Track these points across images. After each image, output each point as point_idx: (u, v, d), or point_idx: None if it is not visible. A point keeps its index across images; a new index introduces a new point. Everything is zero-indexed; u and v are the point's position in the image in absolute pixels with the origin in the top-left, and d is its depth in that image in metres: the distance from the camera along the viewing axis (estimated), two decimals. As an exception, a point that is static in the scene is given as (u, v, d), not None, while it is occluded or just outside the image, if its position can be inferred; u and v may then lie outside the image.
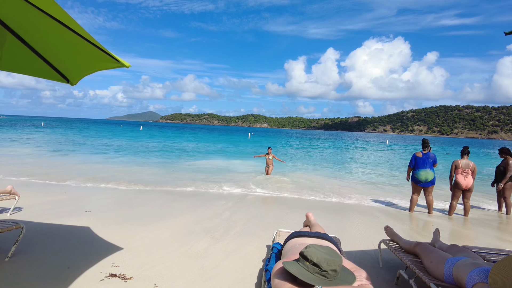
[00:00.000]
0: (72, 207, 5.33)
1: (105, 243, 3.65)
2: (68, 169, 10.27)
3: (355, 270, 2.03)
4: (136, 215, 5.01)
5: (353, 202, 7.40)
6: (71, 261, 3.06)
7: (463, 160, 6.38)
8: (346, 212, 6.38)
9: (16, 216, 4.59)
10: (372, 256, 3.73)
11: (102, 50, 2.28)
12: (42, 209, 5.03)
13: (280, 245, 3.07)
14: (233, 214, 5.52)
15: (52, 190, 6.89)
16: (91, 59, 2.46)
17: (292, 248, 2.42)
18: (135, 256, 3.31)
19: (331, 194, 8.30)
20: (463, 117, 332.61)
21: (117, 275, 2.81)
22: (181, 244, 3.77)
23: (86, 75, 2.84)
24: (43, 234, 3.83)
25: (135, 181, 8.46)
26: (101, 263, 3.05)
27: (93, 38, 2.15)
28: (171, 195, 7.00)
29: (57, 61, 2.70)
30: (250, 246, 3.83)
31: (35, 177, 8.32)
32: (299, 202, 7.08)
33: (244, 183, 9.33)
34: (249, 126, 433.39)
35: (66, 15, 1.86)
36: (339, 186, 9.82)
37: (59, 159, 13.03)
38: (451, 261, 2.38)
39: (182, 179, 9.55)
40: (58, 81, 2.97)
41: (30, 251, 3.25)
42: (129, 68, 2.55)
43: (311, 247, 1.91)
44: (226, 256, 3.45)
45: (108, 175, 9.47)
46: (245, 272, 3.07)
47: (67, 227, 4.17)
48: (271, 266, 2.59)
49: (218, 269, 3.09)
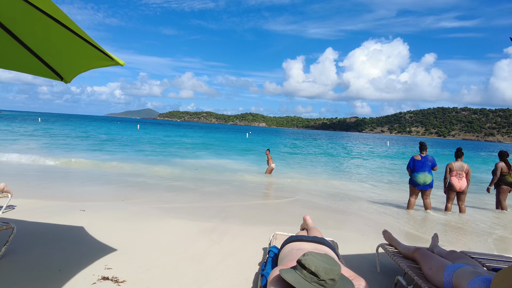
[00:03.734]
0: (67, 205, 5.25)
1: (99, 244, 3.58)
2: (67, 168, 10.18)
3: (353, 278, 1.98)
4: (131, 216, 4.94)
5: (351, 205, 7.36)
6: (63, 263, 2.99)
7: (457, 163, 6.38)
8: (343, 215, 6.35)
9: (8, 214, 4.51)
10: (369, 261, 3.69)
11: (96, 48, 2.21)
12: (35, 208, 4.94)
13: (276, 249, 3.01)
14: (230, 216, 5.47)
15: (48, 188, 6.81)
16: (84, 57, 2.39)
17: (289, 254, 2.37)
18: (129, 258, 3.24)
19: (329, 196, 8.26)
20: (461, 119, 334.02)
21: (110, 278, 2.74)
22: (176, 246, 3.71)
23: (80, 73, 2.77)
24: (35, 234, 3.75)
25: (133, 182, 8.39)
26: (94, 266, 2.98)
27: (87, 35, 2.08)
28: (167, 196, 6.94)
29: (50, 59, 2.63)
30: (246, 249, 3.78)
31: (29, 174, 8.23)
32: (296, 204, 7.03)
33: (241, 184, 9.28)
34: (247, 125, 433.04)
35: (59, 11, 1.79)
36: (337, 188, 9.80)
37: (58, 153, 12.92)
38: (451, 268, 2.34)
39: (179, 179, 9.49)
40: (52, 78, 2.90)
41: (21, 252, 3.17)
42: (128, 65, 2.48)
43: (309, 254, 1.86)
44: (222, 259, 3.39)
45: (104, 174, 9.39)
46: (241, 276, 3.01)
47: (60, 227, 4.10)
48: (267, 271, 2.53)
49: (214, 273, 3.03)
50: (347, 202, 7.61)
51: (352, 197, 8.22)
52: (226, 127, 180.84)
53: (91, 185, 7.63)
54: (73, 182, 7.85)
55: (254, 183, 9.57)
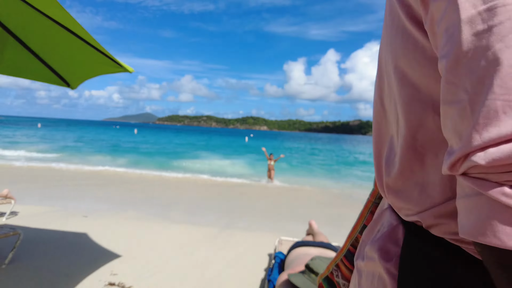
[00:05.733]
0: (69, 211, 5.25)
1: (103, 250, 3.58)
2: (67, 173, 10.20)
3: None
4: (135, 221, 4.94)
5: (356, 209, 7.35)
6: (69, 269, 2.99)
7: None
8: (349, 220, 6.33)
9: (12, 220, 4.51)
10: (375, 265, 3.68)
11: (105, 55, 2.24)
12: (37, 213, 4.95)
13: (283, 254, 3.01)
14: (234, 221, 5.46)
15: (50, 194, 6.81)
16: (93, 64, 2.41)
17: (296, 259, 2.37)
18: (134, 264, 3.24)
19: (333, 200, 8.25)
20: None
21: (116, 284, 2.74)
22: (181, 252, 3.71)
23: (87, 79, 2.79)
24: (40, 240, 3.75)
25: (134, 187, 8.39)
26: (100, 271, 2.98)
27: (96, 41, 2.10)
28: (170, 202, 6.94)
29: (58, 65, 2.66)
30: (251, 255, 3.77)
31: (33, 180, 8.24)
32: (300, 209, 7.02)
33: (244, 189, 9.28)
34: (249, 128, 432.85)
35: (69, 18, 1.81)
36: (343, 193, 9.78)
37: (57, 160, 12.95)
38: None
39: (182, 185, 9.49)
40: (59, 85, 2.92)
41: (27, 257, 3.18)
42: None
43: (316, 259, 1.87)
44: (227, 265, 3.38)
45: (105, 179, 9.40)
46: (246, 282, 3.01)
47: (64, 233, 4.10)
48: (274, 276, 2.53)
49: (219, 278, 3.03)
50: (352, 207, 7.59)
51: (358, 202, 8.20)
52: (226, 131, 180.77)
53: (92, 190, 7.64)
54: (74, 187, 7.86)
55: (257, 188, 9.57)
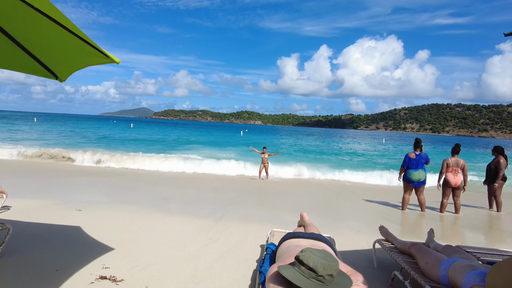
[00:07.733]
0: (63, 205, 5.21)
1: (96, 244, 3.56)
2: (63, 167, 10.10)
3: (351, 273, 1.99)
4: (128, 215, 4.92)
5: (347, 201, 7.41)
6: (60, 263, 2.97)
7: (453, 158, 6.43)
8: (340, 211, 6.39)
9: (4, 215, 4.46)
10: (366, 256, 3.72)
11: (91, 45, 2.18)
12: (31, 208, 4.91)
13: (274, 245, 3.02)
14: (226, 213, 5.47)
15: (43, 187, 6.74)
16: (79, 55, 2.35)
17: (287, 250, 2.38)
18: (127, 257, 3.23)
19: (325, 193, 8.30)
20: (455, 116, 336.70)
21: (108, 277, 2.73)
22: (174, 244, 3.71)
23: (75, 71, 2.73)
24: (31, 234, 3.72)
25: (129, 181, 8.35)
26: (91, 265, 2.97)
27: (81, 32, 2.05)
28: (164, 195, 6.92)
29: (45, 57, 2.59)
30: (243, 246, 3.78)
31: (27, 174, 8.14)
32: (293, 201, 7.06)
33: (237, 183, 9.29)
34: (243, 123, 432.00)
35: (53, 8, 1.76)
36: (333, 185, 9.85)
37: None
38: (447, 262, 2.37)
39: (175, 178, 9.46)
40: (46, 77, 2.86)
41: (17, 252, 3.15)
42: (122, 63, 2.46)
43: (307, 251, 1.86)
44: (219, 257, 3.39)
45: (101, 172, 9.33)
46: (239, 273, 3.02)
47: (57, 227, 4.07)
48: (265, 268, 2.54)
49: (211, 270, 3.04)
50: (343, 198, 7.65)
51: (348, 194, 8.27)
52: (222, 125, 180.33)
53: (87, 184, 7.58)
54: (68, 181, 7.79)
55: (251, 181, 9.58)
